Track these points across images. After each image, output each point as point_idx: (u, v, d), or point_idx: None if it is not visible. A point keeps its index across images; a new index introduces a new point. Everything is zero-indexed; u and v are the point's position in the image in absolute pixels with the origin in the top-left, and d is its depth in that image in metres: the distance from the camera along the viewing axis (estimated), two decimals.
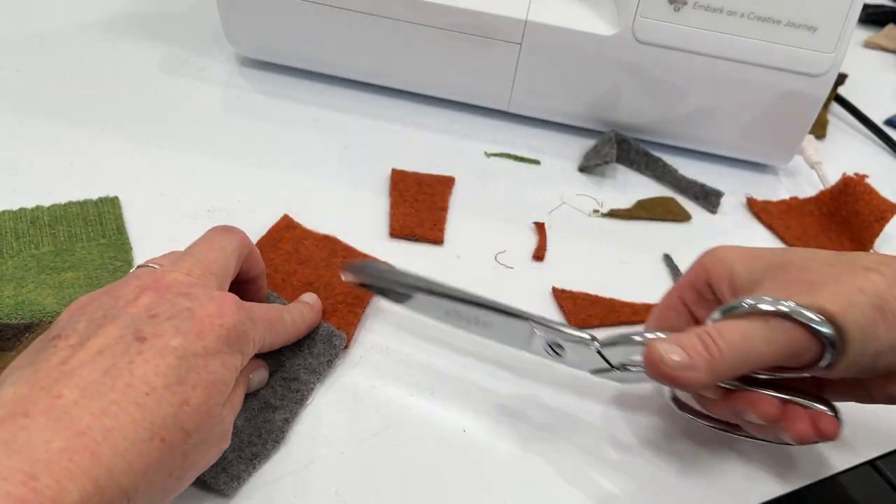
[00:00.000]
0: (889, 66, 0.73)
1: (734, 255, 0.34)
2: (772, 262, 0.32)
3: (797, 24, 0.47)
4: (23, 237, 0.41)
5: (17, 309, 0.37)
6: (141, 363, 0.26)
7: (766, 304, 0.30)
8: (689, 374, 0.30)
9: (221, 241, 0.34)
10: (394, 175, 0.50)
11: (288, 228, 0.45)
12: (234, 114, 0.54)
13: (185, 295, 0.29)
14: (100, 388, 0.25)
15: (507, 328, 0.36)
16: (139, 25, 0.61)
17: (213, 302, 0.30)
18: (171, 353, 0.27)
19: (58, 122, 0.51)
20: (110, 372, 0.26)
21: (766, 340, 0.30)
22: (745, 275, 0.33)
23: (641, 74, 0.51)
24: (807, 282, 0.30)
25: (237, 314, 0.30)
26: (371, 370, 0.38)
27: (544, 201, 0.50)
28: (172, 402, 0.26)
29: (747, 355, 0.30)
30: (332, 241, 0.44)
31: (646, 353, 0.31)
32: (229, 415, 0.30)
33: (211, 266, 0.32)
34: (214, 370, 0.28)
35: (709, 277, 0.34)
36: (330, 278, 0.42)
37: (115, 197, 0.45)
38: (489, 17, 0.50)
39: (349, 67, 0.56)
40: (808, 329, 0.29)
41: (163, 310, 0.29)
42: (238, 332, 0.30)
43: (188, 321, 0.28)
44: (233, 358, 0.30)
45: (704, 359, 0.30)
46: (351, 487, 0.33)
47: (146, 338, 0.27)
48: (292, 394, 0.35)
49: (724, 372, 0.30)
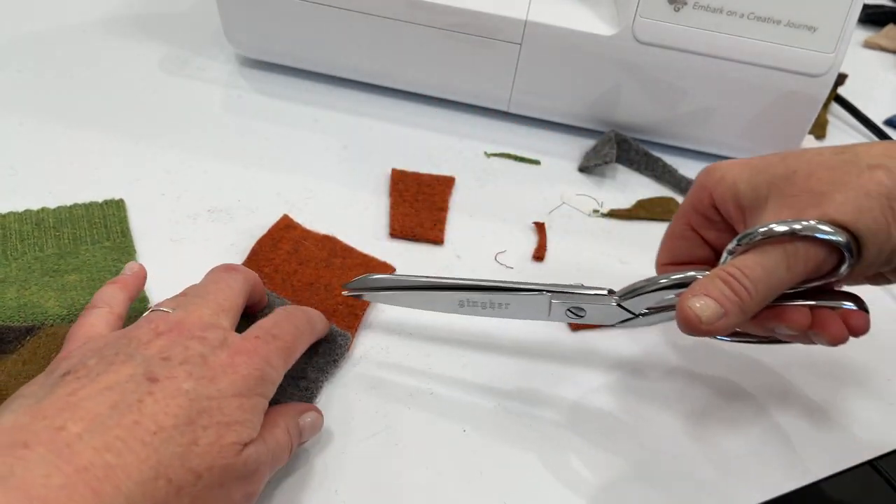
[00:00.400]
0: (889, 66, 0.73)
1: (735, 172, 0.33)
2: (776, 175, 0.32)
3: (797, 25, 0.47)
4: (27, 239, 0.41)
5: (20, 311, 0.37)
6: (150, 402, 0.26)
7: (781, 227, 0.30)
8: (723, 322, 0.30)
9: (228, 279, 0.34)
10: (394, 175, 0.50)
11: (288, 228, 0.45)
12: (234, 114, 0.54)
13: (200, 339, 0.29)
14: (105, 423, 0.24)
15: (525, 304, 0.36)
16: (139, 25, 0.61)
17: (226, 353, 0.29)
18: (182, 395, 0.27)
19: (58, 122, 0.51)
20: (118, 407, 0.25)
21: (787, 267, 0.30)
22: (750, 192, 0.32)
23: (641, 74, 0.51)
24: (814, 193, 0.30)
25: (251, 362, 0.29)
26: (371, 370, 0.38)
27: (544, 201, 0.50)
28: (181, 442, 0.25)
29: (773, 286, 0.30)
30: (331, 241, 0.44)
31: (679, 313, 0.31)
32: (258, 455, 0.28)
33: (223, 304, 0.32)
34: (229, 412, 0.28)
35: (713, 199, 0.34)
36: (330, 279, 0.42)
37: (120, 200, 0.45)
38: (489, 17, 0.50)
39: (349, 67, 0.56)
40: (824, 244, 0.29)
41: (176, 353, 0.28)
42: (255, 378, 0.29)
43: (201, 367, 0.28)
44: (252, 400, 0.29)
45: (735, 303, 0.30)
46: (351, 487, 0.33)
47: (158, 379, 0.27)
48: (301, 392, 0.36)
49: (754, 309, 0.30)
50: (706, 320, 0.30)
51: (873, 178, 0.29)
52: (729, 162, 0.34)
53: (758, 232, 0.30)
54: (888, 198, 0.29)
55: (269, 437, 0.30)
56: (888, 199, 0.29)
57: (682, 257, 0.37)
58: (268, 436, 0.30)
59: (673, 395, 0.39)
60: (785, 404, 0.40)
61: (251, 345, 0.30)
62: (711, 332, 0.30)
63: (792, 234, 0.29)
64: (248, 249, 0.43)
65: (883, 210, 0.29)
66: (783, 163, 0.32)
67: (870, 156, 0.30)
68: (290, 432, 0.31)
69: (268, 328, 0.32)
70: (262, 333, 0.31)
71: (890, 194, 0.29)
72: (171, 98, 0.54)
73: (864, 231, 0.29)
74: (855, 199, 0.29)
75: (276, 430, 0.31)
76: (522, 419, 0.37)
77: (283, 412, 0.32)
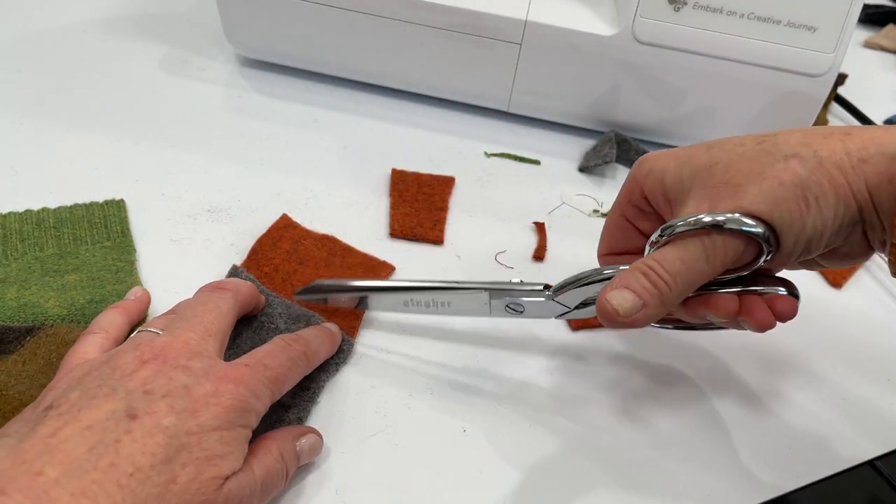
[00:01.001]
0: (889, 66, 0.73)
1: (662, 164, 0.33)
2: (699, 166, 0.32)
3: (797, 25, 0.47)
4: (28, 239, 0.41)
5: (20, 311, 0.37)
6: (128, 442, 0.26)
7: (700, 218, 0.30)
8: (642, 314, 0.31)
9: (217, 300, 0.34)
10: (394, 175, 0.50)
11: (287, 228, 0.45)
12: (234, 114, 0.54)
13: (184, 369, 0.29)
14: (82, 466, 0.24)
15: (465, 301, 0.37)
16: (139, 25, 0.61)
17: (210, 381, 0.29)
18: (161, 432, 0.27)
19: (58, 122, 0.51)
20: (95, 449, 0.25)
21: (705, 258, 0.30)
22: (676, 183, 0.32)
23: (641, 74, 0.51)
24: (731, 185, 0.30)
25: (235, 392, 0.29)
26: (371, 370, 0.38)
27: (544, 201, 0.50)
28: (158, 483, 0.25)
29: (692, 278, 0.30)
30: (331, 241, 0.44)
31: (598, 307, 0.31)
32: (240, 488, 0.28)
33: (209, 327, 0.32)
34: (209, 447, 0.28)
35: (643, 191, 0.34)
36: (330, 279, 0.42)
37: (120, 200, 0.45)
38: (489, 17, 0.50)
39: (349, 67, 0.56)
40: (742, 235, 0.30)
41: (159, 385, 0.28)
42: (237, 409, 0.29)
43: (183, 399, 0.28)
44: (233, 433, 0.29)
45: (654, 295, 0.30)
46: (351, 487, 0.33)
47: (137, 415, 0.27)
48: (303, 392, 0.36)
49: (673, 301, 0.31)
50: (623, 313, 0.30)
51: (788, 168, 0.29)
52: (658, 153, 0.34)
53: (677, 224, 0.31)
54: (802, 187, 0.29)
55: (257, 464, 0.30)
56: (802, 188, 0.29)
57: (619, 248, 0.38)
58: (256, 464, 0.30)
59: (693, 401, 0.39)
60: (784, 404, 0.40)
61: (238, 373, 0.30)
62: (631, 324, 0.31)
63: (710, 227, 0.30)
64: (248, 249, 0.43)
65: (797, 200, 0.29)
66: (707, 153, 0.32)
67: (788, 145, 0.30)
68: (284, 458, 0.31)
69: (259, 358, 0.32)
70: (253, 363, 0.31)
71: (804, 184, 0.29)
72: (171, 98, 0.54)
73: (778, 222, 0.29)
74: (769, 190, 0.29)
75: (268, 457, 0.30)
76: (523, 419, 0.37)
77: (278, 437, 0.32)
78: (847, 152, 0.29)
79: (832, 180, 0.29)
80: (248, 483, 0.29)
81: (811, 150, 0.30)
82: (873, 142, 0.29)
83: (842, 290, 0.47)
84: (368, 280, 0.40)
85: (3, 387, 0.34)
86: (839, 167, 0.29)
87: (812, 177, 0.29)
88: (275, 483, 0.31)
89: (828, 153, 0.29)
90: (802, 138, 0.30)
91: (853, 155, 0.29)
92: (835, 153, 0.29)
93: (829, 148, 0.29)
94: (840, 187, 0.29)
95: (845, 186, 0.29)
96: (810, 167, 0.29)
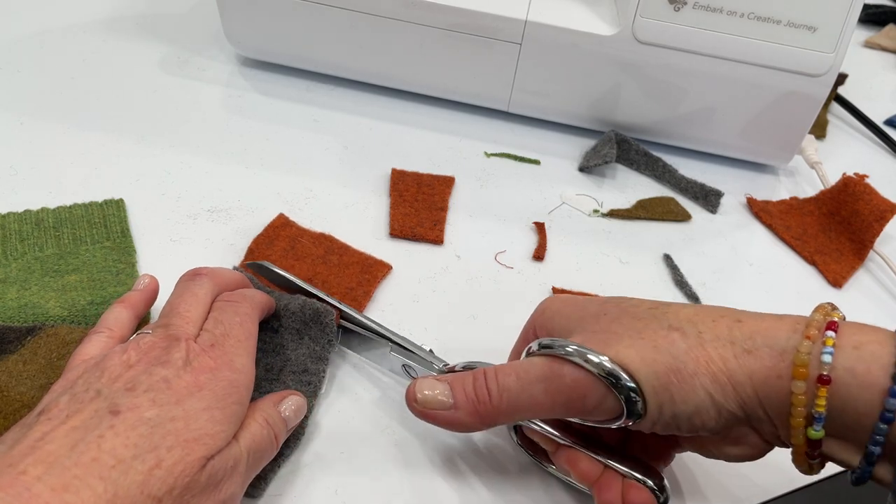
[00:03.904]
0: (889, 66, 0.73)
1: (556, 306, 0.34)
2: (589, 313, 0.32)
3: (797, 24, 0.47)
4: (27, 239, 0.41)
5: (21, 312, 0.37)
6: (110, 437, 0.26)
7: (550, 347, 0.30)
8: (450, 414, 0.31)
9: (193, 287, 0.34)
10: (394, 175, 0.50)
11: (283, 227, 0.45)
12: (234, 114, 0.54)
13: (163, 363, 0.29)
14: (64, 463, 0.25)
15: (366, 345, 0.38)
16: (139, 25, 0.61)
17: (190, 372, 0.29)
18: (143, 423, 0.27)
19: (58, 122, 0.51)
20: (77, 446, 0.26)
21: (544, 387, 0.29)
22: (562, 325, 0.32)
23: (641, 74, 0.51)
24: (611, 333, 0.30)
25: (214, 378, 0.30)
26: (371, 370, 0.38)
27: (544, 201, 0.50)
28: (141, 470, 0.26)
29: (522, 401, 0.30)
30: (327, 239, 0.45)
31: (408, 389, 0.32)
32: (223, 464, 0.28)
33: (186, 314, 0.32)
34: (198, 426, 0.28)
35: (535, 328, 0.34)
36: (327, 276, 0.42)
37: (119, 199, 0.45)
38: (489, 17, 0.50)
39: (349, 67, 0.56)
40: (591, 376, 0.29)
41: (141, 381, 0.28)
42: (223, 389, 0.30)
43: (165, 393, 0.28)
44: (225, 411, 0.29)
45: (471, 401, 0.30)
46: (351, 487, 0.33)
47: (119, 411, 0.27)
48: (305, 387, 0.36)
49: (493, 417, 0.31)
50: (421, 402, 0.31)
51: (668, 337, 0.29)
52: (559, 297, 0.35)
53: (531, 347, 0.30)
54: (676, 359, 0.28)
55: (243, 436, 0.30)
56: (675, 359, 0.28)
57: None
58: (242, 435, 0.30)
59: None
60: None
61: (211, 358, 0.30)
62: (434, 419, 0.31)
63: (563, 355, 0.29)
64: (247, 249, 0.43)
65: (668, 368, 0.28)
66: (601, 305, 0.32)
67: (676, 317, 0.30)
68: (269, 423, 0.31)
69: (213, 329, 0.32)
70: (214, 339, 0.31)
71: (679, 356, 0.28)
72: (171, 98, 0.54)
73: (644, 381, 0.28)
74: (642, 348, 0.29)
75: (253, 425, 0.31)
76: None
77: (260, 405, 0.32)
78: (732, 340, 0.28)
79: (710, 364, 0.28)
80: (231, 455, 0.29)
81: (696, 328, 0.29)
82: (761, 333, 0.28)
83: (842, 290, 0.47)
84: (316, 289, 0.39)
85: (4, 387, 0.34)
86: (721, 354, 0.28)
87: (690, 353, 0.28)
88: (264, 449, 0.31)
89: (712, 336, 0.29)
90: (693, 315, 0.30)
91: (738, 344, 0.28)
92: (719, 338, 0.28)
93: (715, 331, 0.29)
94: (718, 373, 0.28)
95: (723, 374, 0.28)
96: (690, 344, 0.29)
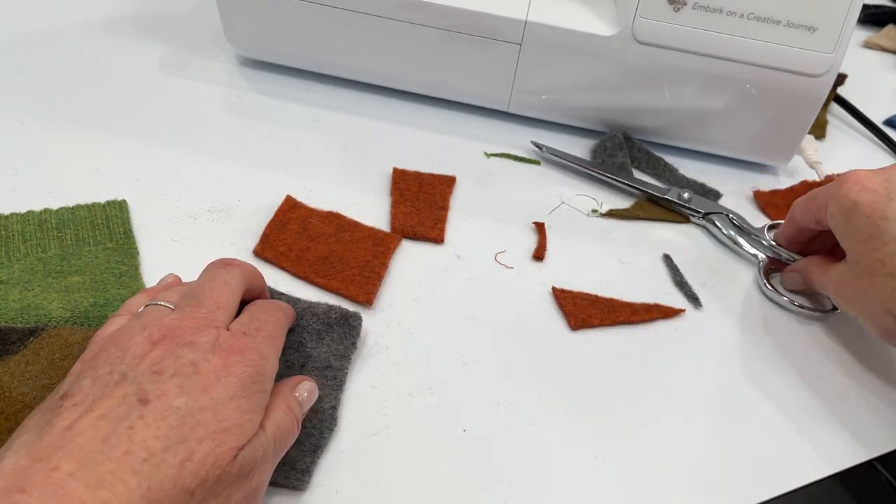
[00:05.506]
0: (889, 66, 0.73)
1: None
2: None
3: (797, 25, 0.47)
4: (30, 240, 0.41)
5: (23, 313, 0.37)
6: (141, 428, 0.26)
7: None
8: None
9: (225, 275, 0.34)
10: (395, 174, 0.50)
11: (292, 209, 0.46)
12: (234, 114, 0.54)
13: (191, 345, 0.29)
14: (96, 458, 0.25)
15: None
16: (139, 25, 0.61)
17: (218, 355, 0.29)
18: (173, 413, 0.27)
19: (58, 122, 0.51)
20: (109, 439, 0.25)
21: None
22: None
23: (641, 74, 0.51)
24: None
25: (244, 361, 0.30)
26: (371, 370, 0.38)
27: (544, 201, 0.50)
28: (173, 463, 0.26)
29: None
30: (336, 217, 0.46)
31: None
32: (253, 454, 0.28)
33: (218, 300, 0.32)
34: (226, 417, 0.28)
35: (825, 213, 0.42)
36: (343, 253, 0.43)
37: (122, 200, 0.45)
38: (489, 17, 0.50)
39: (349, 67, 0.56)
40: None
41: (167, 364, 0.28)
42: (251, 376, 0.29)
43: (192, 378, 0.28)
44: (251, 400, 0.29)
45: None
46: (351, 487, 0.33)
47: (149, 399, 0.27)
48: (330, 381, 0.36)
49: None
50: None
51: None
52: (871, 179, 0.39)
53: None
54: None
55: (269, 424, 0.30)
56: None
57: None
58: (268, 423, 0.30)
59: (693, 400, 0.39)
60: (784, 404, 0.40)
61: (241, 342, 0.30)
62: None
63: None
64: (249, 249, 0.43)
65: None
66: None
67: None
68: (291, 408, 0.32)
69: (247, 323, 0.32)
70: (246, 329, 0.32)
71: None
72: (171, 98, 0.54)
73: None
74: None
75: (276, 413, 0.31)
76: (523, 419, 0.37)
77: (279, 392, 0.32)
78: None
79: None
80: (260, 445, 0.29)
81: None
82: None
83: None
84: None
85: (6, 388, 0.34)
86: None
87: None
88: (288, 434, 0.31)
89: None
90: None
91: None
92: None
93: None
94: None
95: None
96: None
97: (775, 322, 0.45)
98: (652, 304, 0.44)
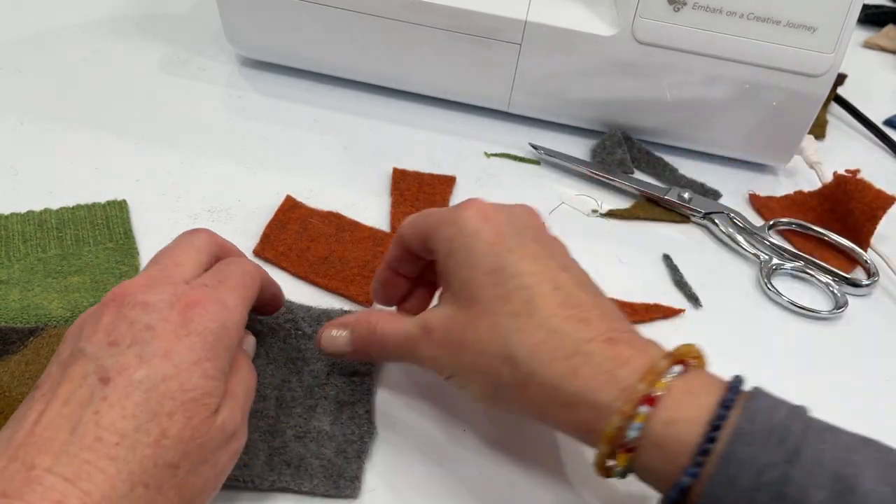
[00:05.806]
0: (888, 66, 0.73)
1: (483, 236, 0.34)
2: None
3: (797, 25, 0.47)
4: (30, 240, 0.41)
5: (23, 313, 0.37)
6: (105, 410, 0.25)
7: None
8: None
9: (188, 237, 0.33)
10: (395, 174, 0.50)
11: (292, 209, 0.46)
12: (234, 114, 0.54)
13: (143, 305, 0.27)
14: (69, 450, 0.24)
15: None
16: (139, 25, 0.61)
17: (175, 310, 0.27)
18: (135, 388, 0.25)
19: (58, 123, 0.51)
20: (77, 429, 0.24)
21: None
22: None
23: (641, 75, 0.51)
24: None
25: (204, 313, 0.28)
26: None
27: (544, 201, 0.50)
28: (147, 443, 0.25)
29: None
30: (336, 217, 0.46)
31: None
32: (231, 415, 0.28)
33: (177, 258, 0.31)
34: (193, 385, 0.26)
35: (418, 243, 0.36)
36: (343, 253, 0.43)
37: (122, 201, 0.45)
38: (489, 17, 0.50)
39: (349, 67, 0.56)
40: None
41: (122, 331, 0.27)
42: (213, 333, 0.28)
43: (151, 344, 0.26)
44: (216, 363, 0.27)
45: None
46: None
47: (109, 377, 0.25)
48: (359, 386, 0.36)
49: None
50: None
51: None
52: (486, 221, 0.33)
53: None
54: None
55: (237, 384, 0.29)
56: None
57: None
58: (236, 384, 0.29)
59: None
60: None
61: (200, 293, 0.28)
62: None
63: None
64: (249, 249, 0.43)
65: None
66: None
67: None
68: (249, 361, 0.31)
69: (210, 275, 0.31)
70: (207, 281, 0.30)
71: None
72: (171, 98, 0.54)
73: None
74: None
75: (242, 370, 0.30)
76: (523, 418, 0.37)
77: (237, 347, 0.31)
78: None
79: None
80: (237, 408, 0.28)
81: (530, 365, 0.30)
82: (587, 390, 0.29)
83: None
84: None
85: (6, 388, 0.34)
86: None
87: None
88: (253, 389, 0.31)
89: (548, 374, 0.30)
90: (536, 347, 0.30)
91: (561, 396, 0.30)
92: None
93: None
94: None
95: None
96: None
97: (775, 322, 0.45)
98: (652, 304, 0.44)
